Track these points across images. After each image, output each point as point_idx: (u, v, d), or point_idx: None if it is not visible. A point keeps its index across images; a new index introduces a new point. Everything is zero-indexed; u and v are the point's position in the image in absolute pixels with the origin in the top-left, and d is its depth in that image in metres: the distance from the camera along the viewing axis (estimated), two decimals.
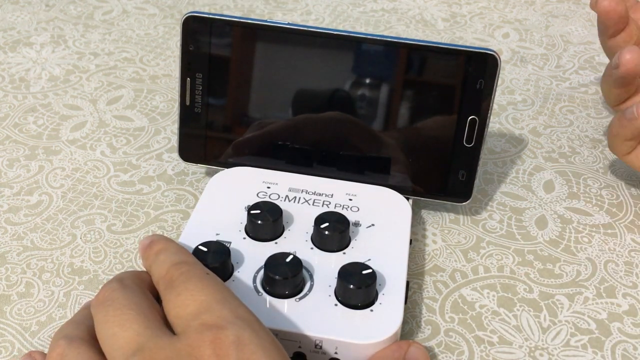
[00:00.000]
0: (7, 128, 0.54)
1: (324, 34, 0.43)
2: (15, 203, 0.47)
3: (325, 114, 0.45)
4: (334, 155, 0.45)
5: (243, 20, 0.44)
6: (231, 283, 0.37)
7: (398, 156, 0.45)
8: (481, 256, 0.44)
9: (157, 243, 0.36)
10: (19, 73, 0.61)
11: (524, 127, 0.56)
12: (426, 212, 0.47)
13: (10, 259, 0.43)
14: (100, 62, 0.63)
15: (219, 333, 0.29)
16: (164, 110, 0.57)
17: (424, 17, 0.72)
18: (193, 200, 0.48)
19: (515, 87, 0.61)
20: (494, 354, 0.38)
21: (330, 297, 0.36)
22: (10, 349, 0.37)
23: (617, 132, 0.46)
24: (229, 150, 0.46)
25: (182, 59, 0.45)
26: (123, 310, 0.31)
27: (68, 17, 0.70)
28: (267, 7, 0.73)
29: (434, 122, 0.44)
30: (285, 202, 0.43)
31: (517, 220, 0.47)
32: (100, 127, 0.54)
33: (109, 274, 0.42)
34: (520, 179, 0.51)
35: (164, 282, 0.33)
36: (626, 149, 0.47)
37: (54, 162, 0.51)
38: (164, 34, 0.67)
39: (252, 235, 0.40)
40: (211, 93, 0.46)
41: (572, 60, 0.65)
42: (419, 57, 0.43)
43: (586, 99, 0.60)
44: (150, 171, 0.50)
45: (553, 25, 0.71)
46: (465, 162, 0.44)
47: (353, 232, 0.41)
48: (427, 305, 0.41)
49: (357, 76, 0.44)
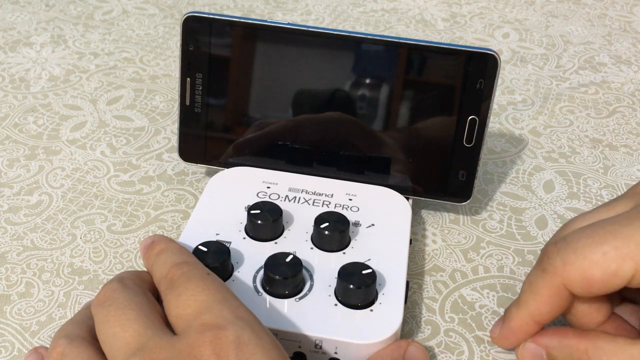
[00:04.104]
0: (7, 128, 0.54)
1: (324, 34, 0.43)
2: (15, 203, 0.47)
3: (325, 114, 0.45)
4: (334, 155, 0.45)
5: (243, 20, 0.44)
6: (231, 283, 0.37)
7: (398, 156, 0.45)
8: (481, 256, 0.44)
9: (158, 243, 0.36)
10: (19, 73, 0.61)
11: (524, 127, 0.56)
12: (426, 212, 0.47)
13: (10, 259, 0.43)
14: (100, 62, 0.63)
15: (219, 333, 0.29)
16: (164, 110, 0.57)
17: (424, 17, 0.72)
18: (193, 200, 0.48)
19: (515, 87, 0.61)
20: (494, 354, 0.38)
21: (330, 297, 0.36)
22: (10, 349, 0.37)
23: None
24: (229, 150, 0.46)
25: (182, 59, 0.45)
26: (124, 310, 0.31)
27: (68, 17, 0.70)
28: (267, 7, 0.73)
29: (434, 122, 0.44)
30: (285, 202, 0.43)
31: (517, 220, 0.47)
32: (100, 127, 0.54)
33: (109, 274, 0.42)
34: (520, 179, 0.51)
35: (165, 282, 0.33)
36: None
37: (54, 162, 0.51)
38: (164, 34, 0.67)
39: (252, 235, 0.40)
40: (211, 93, 0.46)
41: (572, 60, 0.65)
42: (419, 57, 0.43)
43: (586, 99, 0.60)
44: (150, 171, 0.50)
45: (553, 25, 0.71)
46: (465, 162, 0.44)
47: (353, 232, 0.41)
48: (427, 305, 0.41)
49: (357, 76, 0.44)
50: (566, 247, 0.34)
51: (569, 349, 0.35)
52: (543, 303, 0.35)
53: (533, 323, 0.36)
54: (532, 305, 0.35)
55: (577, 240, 0.34)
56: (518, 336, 0.37)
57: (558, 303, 0.35)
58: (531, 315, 0.36)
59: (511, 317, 0.37)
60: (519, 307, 0.36)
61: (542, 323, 0.36)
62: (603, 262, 0.32)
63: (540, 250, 0.36)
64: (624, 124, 0.57)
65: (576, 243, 0.34)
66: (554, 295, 0.34)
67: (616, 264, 0.32)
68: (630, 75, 0.63)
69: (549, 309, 0.35)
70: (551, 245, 0.35)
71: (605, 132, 0.56)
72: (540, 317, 0.35)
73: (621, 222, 0.34)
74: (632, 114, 0.58)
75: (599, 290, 0.33)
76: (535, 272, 0.35)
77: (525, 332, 0.36)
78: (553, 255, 0.34)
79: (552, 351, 0.36)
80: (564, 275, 0.34)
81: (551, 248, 0.35)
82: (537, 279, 0.35)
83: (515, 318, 0.36)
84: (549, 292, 0.34)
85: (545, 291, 0.35)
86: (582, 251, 0.33)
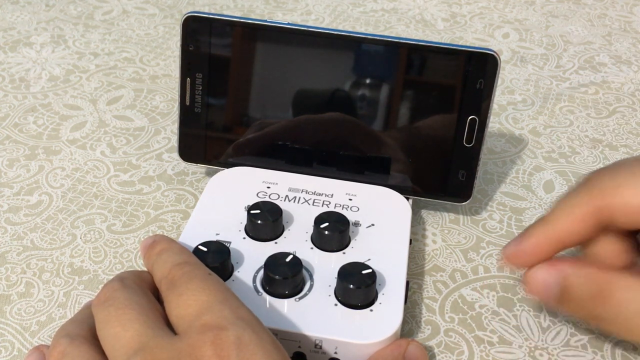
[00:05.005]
0: (7, 128, 0.54)
1: (324, 34, 0.43)
2: (15, 203, 0.47)
3: (326, 114, 0.45)
4: (334, 155, 0.45)
5: (243, 20, 0.44)
6: (231, 283, 0.37)
7: (398, 156, 0.45)
8: (481, 256, 0.44)
9: (159, 243, 0.36)
10: (19, 73, 0.61)
11: (524, 127, 0.56)
12: (426, 212, 0.47)
13: (10, 259, 0.43)
14: (100, 62, 0.63)
15: (220, 333, 0.29)
16: (164, 110, 0.57)
17: (424, 17, 0.72)
18: (193, 200, 0.48)
19: (515, 87, 0.61)
20: (494, 354, 0.38)
21: (330, 297, 0.36)
22: (10, 349, 0.37)
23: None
24: (229, 150, 0.46)
25: (182, 59, 0.45)
26: (124, 310, 0.31)
27: (68, 17, 0.70)
28: (267, 7, 0.73)
29: (434, 122, 0.45)
30: (285, 202, 0.43)
31: (517, 220, 0.47)
32: (100, 127, 0.54)
33: (109, 274, 0.42)
34: (520, 179, 0.51)
35: (166, 282, 0.33)
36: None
37: (54, 162, 0.51)
38: (164, 34, 0.67)
39: (252, 235, 0.40)
40: (211, 93, 0.46)
41: (572, 60, 0.65)
42: (419, 57, 0.43)
43: (586, 99, 0.60)
44: (150, 171, 0.50)
45: (553, 25, 0.71)
46: (465, 162, 0.44)
47: (353, 232, 0.41)
48: (427, 305, 0.41)
49: (357, 76, 0.44)
50: (617, 172, 0.31)
51: (589, 278, 0.32)
52: (576, 222, 0.32)
53: (557, 242, 0.33)
54: (562, 222, 0.33)
55: (629, 169, 0.31)
56: (536, 255, 0.34)
57: (591, 226, 0.32)
58: (557, 232, 0.33)
59: (534, 232, 0.34)
60: (547, 223, 0.33)
61: (566, 245, 0.33)
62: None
63: (582, 178, 0.34)
64: (624, 124, 0.57)
65: (628, 171, 0.31)
66: (591, 217, 0.32)
67: None
68: (630, 75, 0.63)
69: (580, 230, 0.32)
70: (599, 170, 0.32)
71: (605, 132, 0.56)
72: (567, 237, 0.33)
73: None
74: (632, 114, 0.58)
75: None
76: (576, 192, 0.33)
77: (545, 251, 0.33)
78: (603, 177, 0.32)
79: (571, 278, 0.33)
80: (612, 196, 0.31)
81: (600, 172, 0.32)
82: (578, 197, 0.32)
83: (538, 233, 0.33)
84: (587, 211, 0.32)
85: (582, 209, 0.32)
86: (635, 178, 0.31)
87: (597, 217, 0.32)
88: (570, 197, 0.33)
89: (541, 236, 0.34)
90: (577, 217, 0.32)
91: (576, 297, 0.33)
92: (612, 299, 0.32)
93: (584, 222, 0.32)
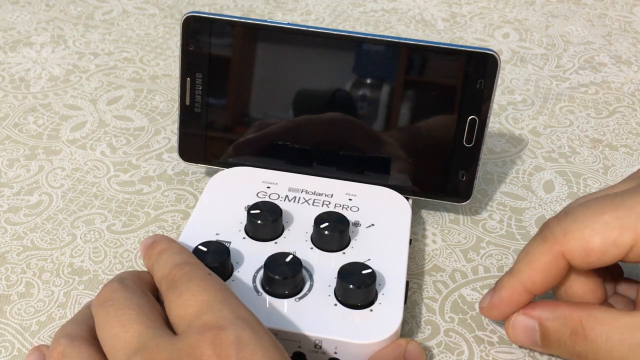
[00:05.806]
0: (7, 128, 0.54)
1: (324, 34, 0.43)
2: (15, 203, 0.47)
3: (326, 114, 0.45)
4: (334, 155, 0.45)
5: (243, 20, 0.44)
6: (231, 283, 0.37)
7: (398, 156, 0.45)
8: (481, 256, 0.44)
9: (159, 243, 0.36)
10: (19, 73, 0.61)
11: (524, 127, 0.56)
12: (426, 212, 0.47)
13: (10, 259, 0.43)
14: (100, 62, 0.63)
15: (219, 333, 0.29)
16: (164, 110, 0.57)
17: (424, 17, 0.72)
18: (193, 200, 0.48)
19: (515, 87, 0.61)
20: (494, 354, 0.38)
21: (330, 297, 0.36)
22: (10, 349, 0.37)
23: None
24: (229, 150, 0.46)
25: (182, 59, 0.45)
26: (124, 310, 0.31)
27: (68, 17, 0.70)
28: (267, 7, 0.73)
29: (434, 122, 0.45)
30: (285, 202, 0.43)
31: (517, 220, 0.47)
32: (100, 127, 0.54)
33: (109, 274, 0.42)
34: (520, 179, 0.51)
35: (166, 282, 0.33)
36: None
37: (54, 162, 0.51)
38: (164, 34, 0.67)
39: (252, 235, 0.40)
40: (211, 93, 0.46)
41: (572, 60, 0.65)
42: (419, 57, 0.43)
43: (586, 99, 0.60)
44: (150, 171, 0.50)
45: (553, 25, 0.71)
46: (465, 162, 0.44)
47: (353, 232, 0.41)
48: (427, 305, 0.41)
49: (357, 76, 0.44)
50: (567, 217, 0.34)
51: (562, 320, 0.34)
52: (538, 271, 0.34)
53: (525, 292, 0.35)
54: (526, 272, 0.35)
55: (578, 211, 0.34)
56: (508, 306, 0.36)
57: (554, 272, 0.34)
58: (524, 283, 0.35)
59: (502, 285, 0.36)
60: (512, 275, 0.36)
61: (534, 294, 0.35)
62: (604, 230, 0.33)
63: (541, 225, 0.36)
64: (624, 124, 0.57)
65: (578, 213, 0.34)
66: (551, 264, 0.34)
67: (616, 234, 0.32)
68: (630, 75, 0.63)
69: (543, 278, 0.34)
70: (552, 218, 0.35)
71: (605, 132, 0.56)
72: (533, 287, 0.35)
73: (623, 195, 0.34)
74: (632, 114, 0.58)
75: (597, 260, 0.33)
76: (533, 242, 0.35)
77: (516, 301, 0.35)
78: (554, 225, 0.34)
79: (545, 322, 0.35)
80: (564, 243, 0.33)
81: (552, 219, 0.35)
82: (535, 247, 0.35)
83: (506, 286, 0.36)
84: (546, 259, 0.34)
85: (542, 258, 0.34)
86: (583, 220, 0.33)
87: (557, 263, 0.34)
88: (530, 248, 0.35)
89: (510, 289, 0.36)
90: (539, 266, 0.34)
91: (555, 339, 0.35)
92: (588, 336, 0.33)
93: (546, 270, 0.34)
